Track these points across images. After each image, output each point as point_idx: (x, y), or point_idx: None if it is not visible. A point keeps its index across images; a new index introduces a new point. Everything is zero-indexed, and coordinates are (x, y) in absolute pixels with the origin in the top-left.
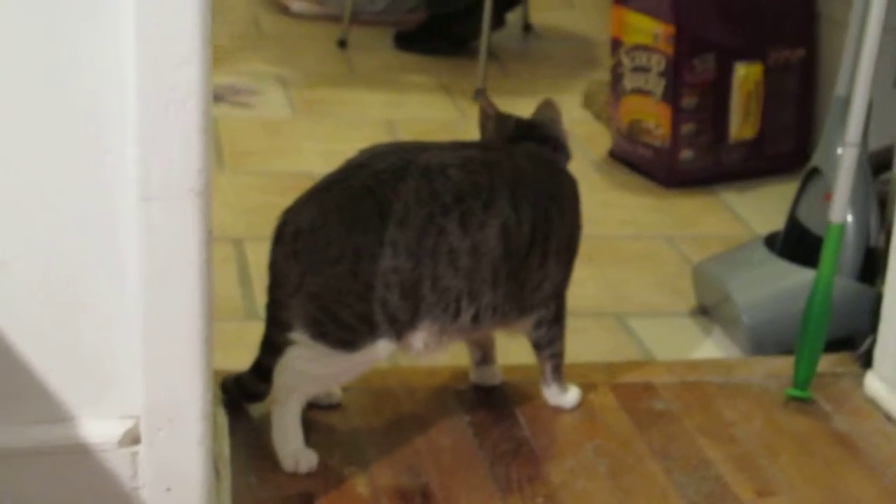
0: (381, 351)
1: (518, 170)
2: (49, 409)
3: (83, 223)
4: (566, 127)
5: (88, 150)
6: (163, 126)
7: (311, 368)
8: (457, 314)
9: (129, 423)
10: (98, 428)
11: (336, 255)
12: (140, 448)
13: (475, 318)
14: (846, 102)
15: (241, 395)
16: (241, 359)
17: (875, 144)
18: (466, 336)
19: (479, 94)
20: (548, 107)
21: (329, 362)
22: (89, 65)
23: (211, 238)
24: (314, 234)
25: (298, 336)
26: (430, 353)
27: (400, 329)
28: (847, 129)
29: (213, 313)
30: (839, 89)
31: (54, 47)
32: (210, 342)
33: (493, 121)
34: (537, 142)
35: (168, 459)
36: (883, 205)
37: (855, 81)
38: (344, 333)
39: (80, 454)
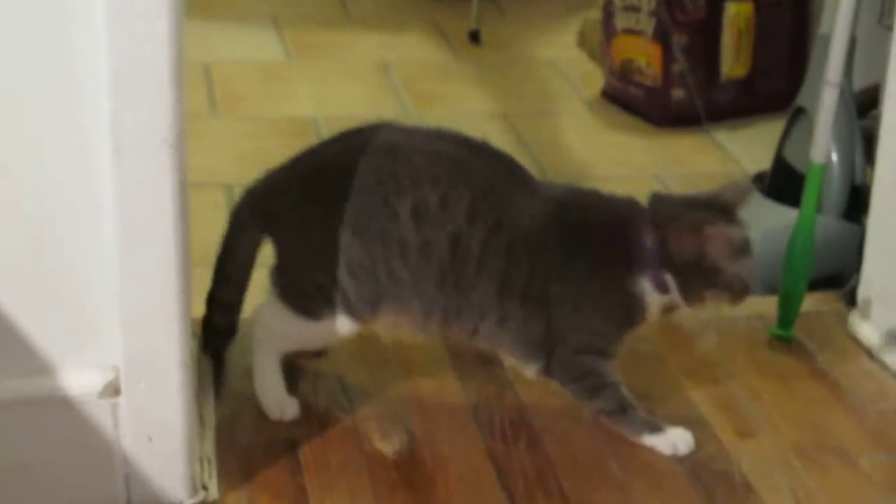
0: (341, 327)
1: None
2: (28, 361)
3: (60, 175)
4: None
5: (64, 102)
6: (134, 78)
7: (280, 328)
8: (411, 309)
9: (109, 375)
10: (78, 379)
11: (293, 223)
12: (121, 399)
13: (427, 317)
14: (830, 41)
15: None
16: None
17: (863, 82)
18: (438, 335)
19: (473, 37)
20: (736, 191)
21: (294, 326)
22: (63, 16)
23: (185, 189)
24: (276, 198)
25: (269, 291)
26: (399, 334)
27: (358, 309)
28: (827, 68)
29: (189, 262)
30: (823, 27)
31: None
32: (188, 291)
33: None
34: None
35: (149, 409)
36: (869, 142)
37: (835, 21)
38: (303, 300)
39: (61, 405)
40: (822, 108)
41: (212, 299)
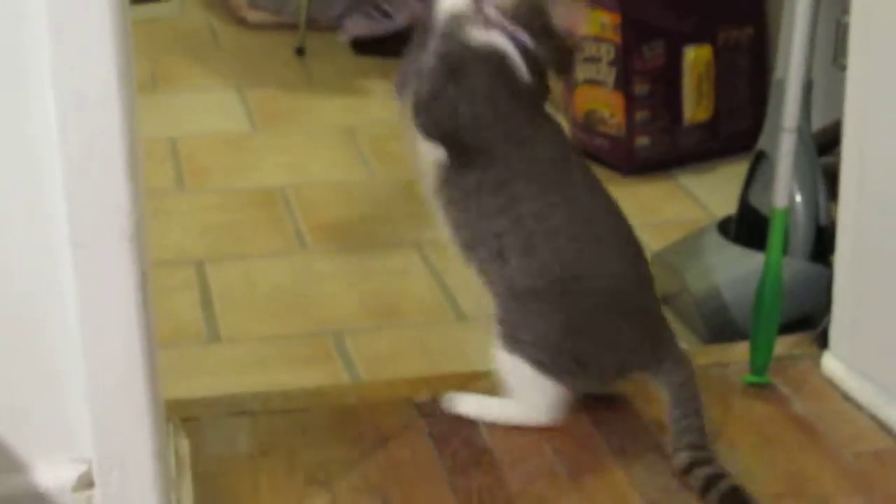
0: None
1: None
2: (1, 459)
3: (25, 269)
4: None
5: (24, 196)
6: (87, 172)
7: None
8: None
9: (82, 467)
10: (51, 473)
11: None
12: (95, 491)
13: None
14: (784, 86)
15: None
16: (206, 384)
17: (822, 121)
18: None
19: None
20: None
21: None
22: (22, 106)
23: (146, 278)
24: None
25: None
26: None
27: None
28: (783, 114)
29: (155, 349)
30: (778, 72)
31: None
32: (156, 379)
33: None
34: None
35: (124, 499)
36: (833, 181)
37: (788, 67)
38: None
39: (36, 501)
40: (780, 154)
41: None
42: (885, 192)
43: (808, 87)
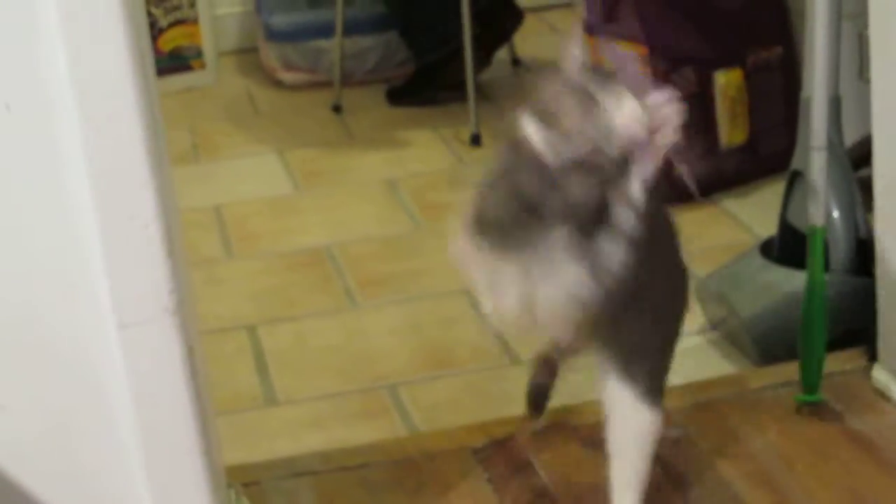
0: None
1: None
2: None
3: (69, 358)
4: None
5: (62, 286)
6: (127, 254)
7: None
8: None
9: None
10: None
11: None
12: None
13: None
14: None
15: None
16: (265, 448)
17: (856, 135)
18: None
19: (475, 140)
20: None
21: None
22: (57, 184)
23: (193, 352)
24: None
25: None
26: None
27: None
28: (811, 133)
29: (211, 419)
30: (805, 90)
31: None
32: (212, 451)
33: None
34: None
35: None
36: (871, 194)
37: (813, 85)
38: None
39: None
40: (811, 173)
41: None
42: None
43: (835, 103)
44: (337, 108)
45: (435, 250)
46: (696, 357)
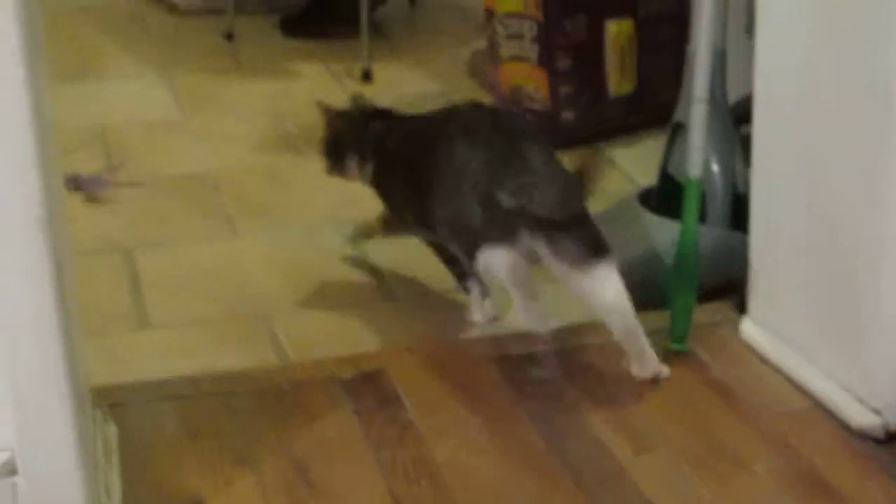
0: None
1: None
2: None
3: None
4: None
5: None
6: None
7: None
8: None
9: (4, 455)
10: None
11: None
12: (18, 478)
13: None
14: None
15: None
16: (135, 371)
17: (741, 91)
18: None
19: (366, 76)
20: None
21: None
22: None
23: (62, 264)
24: None
25: None
26: None
27: None
28: (693, 84)
29: (78, 335)
30: (691, 43)
31: None
32: (76, 365)
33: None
34: None
35: (49, 486)
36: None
37: (697, 37)
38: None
39: None
40: (692, 125)
41: None
42: (796, 158)
43: (720, 57)
44: (229, 36)
45: (317, 183)
46: (569, 301)
